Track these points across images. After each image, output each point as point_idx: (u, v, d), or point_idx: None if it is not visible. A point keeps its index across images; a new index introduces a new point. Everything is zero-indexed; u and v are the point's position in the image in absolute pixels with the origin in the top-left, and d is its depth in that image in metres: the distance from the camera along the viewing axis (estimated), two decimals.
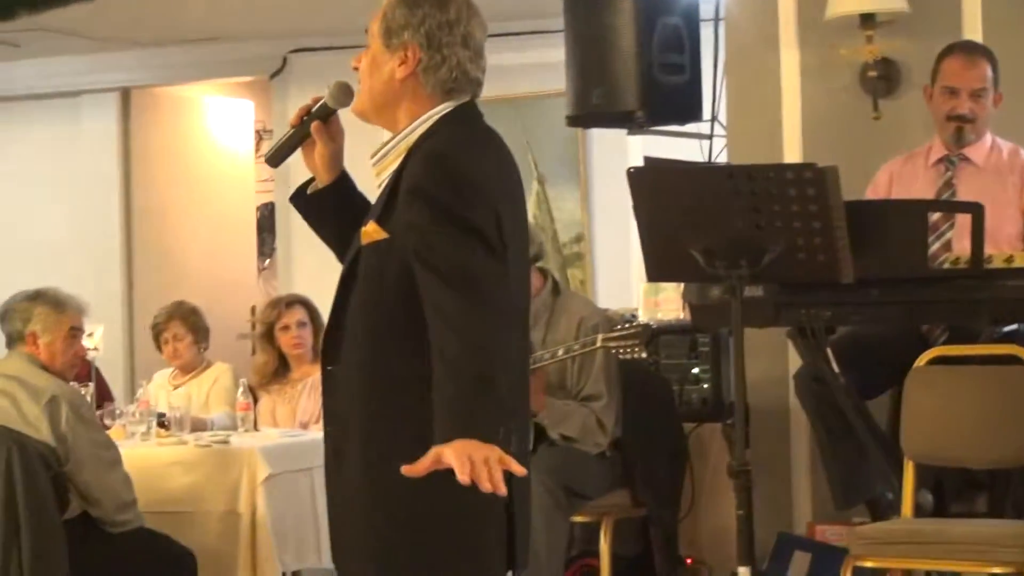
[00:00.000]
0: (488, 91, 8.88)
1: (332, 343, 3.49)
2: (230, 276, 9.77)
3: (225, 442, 6.44)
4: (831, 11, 6.34)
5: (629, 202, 5.30)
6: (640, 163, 5.52)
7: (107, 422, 6.69)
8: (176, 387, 7.26)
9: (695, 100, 6.83)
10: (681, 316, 6.18)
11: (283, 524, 6.10)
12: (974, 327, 5.34)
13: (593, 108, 6.77)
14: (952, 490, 5.49)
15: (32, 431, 5.80)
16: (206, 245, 8.68)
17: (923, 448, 5.21)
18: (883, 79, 6.41)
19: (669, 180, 5.39)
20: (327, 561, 6.99)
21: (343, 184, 3.63)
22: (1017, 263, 5.13)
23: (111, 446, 6.14)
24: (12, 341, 6.18)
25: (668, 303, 6.36)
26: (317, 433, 5.51)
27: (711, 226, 5.04)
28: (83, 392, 6.27)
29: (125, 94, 9.80)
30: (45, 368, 6.01)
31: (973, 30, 6.23)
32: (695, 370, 6.25)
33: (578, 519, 5.82)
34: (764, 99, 6.64)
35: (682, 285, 5.82)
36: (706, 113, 6.92)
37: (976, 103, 5.79)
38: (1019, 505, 5.19)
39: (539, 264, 6.10)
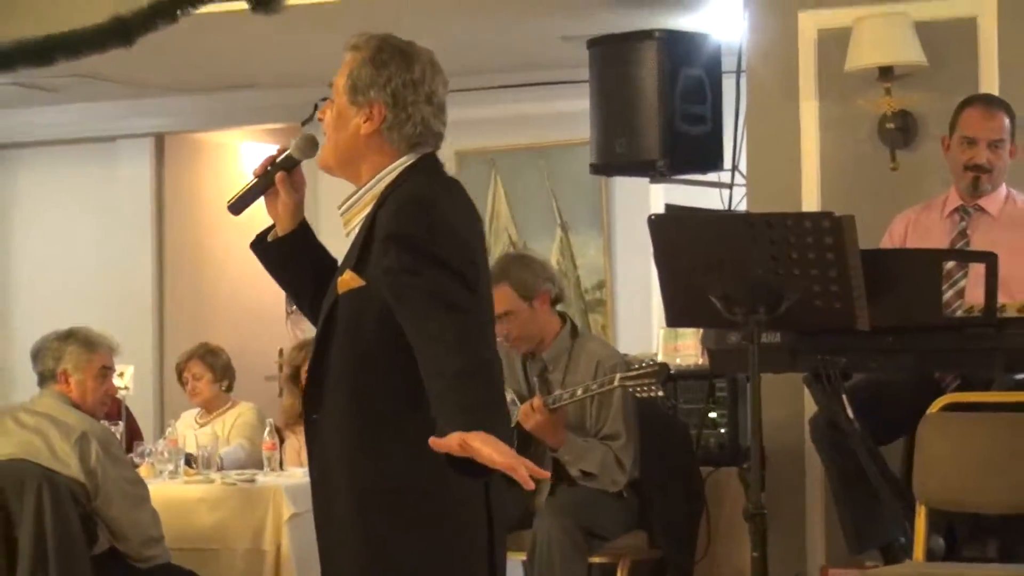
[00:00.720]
0: (514, 139, 9.01)
1: (314, 391, 3.54)
2: (259, 319, 9.79)
3: (251, 481, 6.46)
4: (850, 64, 6.37)
5: (650, 249, 5.30)
6: (661, 211, 5.58)
7: (136, 460, 6.70)
8: (201, 425, 7.29)
9: (716, 150, 6.87)
10: (700, 361, 6.19)
11: (307, 562, 6.04)
12: (987, 375, 5.38)
13: (616, 157, 6.81)
14: (964, 535, 5.50)
15: (62, 467, 5.84)
16: (236, 288, 8.72)
17: (936, 493, 5.23)
18: (901, 131, 6.44)
19: (689, 228, 5.42)
20: None
21: (303, 232, 3.70)
22: None
23: (140, 483, 6.18)
24: (44, 379, 6.22)
25: (687, 348, 6.38)
26: None
27: (730, 273, 5.07)
28: (113, 430, 6.31)
29: (159, 139, 9.82)
30: (76, 406, 6.05)
31: (990, 84, 6.25)
32: (712, 414, 6.26)
33: (595, 560, 5.81)
34: (784, 149, 6.65)
35: (701, 331, 5.85)
36: (727, 163, 6.94)
37: (993, 153, 5.82)
38: (1011, 553, 5.21)
39: (558, 307, 6.16)
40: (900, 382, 5.61)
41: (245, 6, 6.40)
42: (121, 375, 6.45)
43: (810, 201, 6.51)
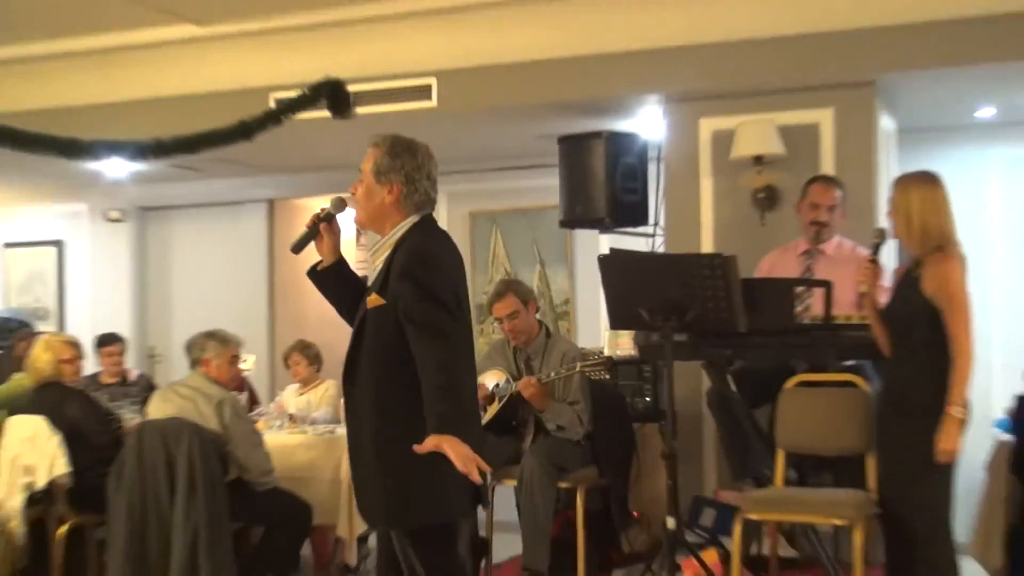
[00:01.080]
0: (508, 204, 8.98)
1: (351, 371, 3.70)
2: (338, 325, 9.84)
3: (332, 432, 6.58)
4: (734, 154, 6.40)
5: (599, 277, 5.33)
6: (607, 252, 5.60)
7: (255, 418, 6.78)
8: (299, 395, 7.29)
9: (644, 212, 6.87)
10: (632, 353, 6.21)
11: None
12: (824, 362, 5.40)
13: (577, 216, 6.83)
14: (809, 469, 5.52)
15: (206, 423, 5.89)
16: (321, 305, 8.79)
17: (790, 441, 5.24)
18: (767, 199, 6.45)
19: (625, 263, 5.46)
20: None
21: (341, 264, 3.84)
22: (853, 320, 5.19)
23: (257, 434, 6.26)
24: (193, 364, 6.28)
25: (624, 344, 6.42)
26: None
27: (653, 294, 5.09)
28: (240, 398, 6.32)
29: (271, 204, 9.74)
30: (215, 382, 6.11)
31: (828, 167, 6.27)
32: (641, 388, 6.26)
33: (562, 486, 5.77)
34: (689, 211, 6.66)
35: (633, 332, 5.87)
36: (651, 220, 6.94)
37: (830, 214, 5.85)
38: (853, 481, 5.21)
39: (537, 316, 6.20)
40: (766, 367, 5.61)
41: (328, 114, 6.43)
42: (245, 361, 6.49)
43: (707, 246, 6.53)
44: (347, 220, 3.93)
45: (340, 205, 3.77)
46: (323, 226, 3.75)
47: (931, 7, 5.89)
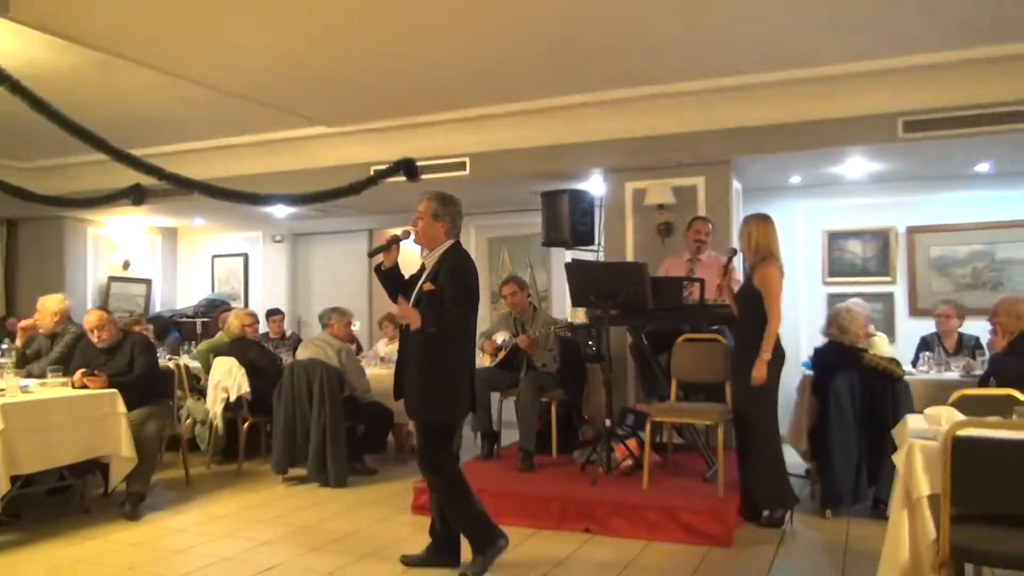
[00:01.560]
0: (511, 233, 8.79)
1: (405, 329, 3.78)
2: None
3: None
4: (646, 201, 6.37)
5: (564, 275, 5.32)
6: (570, 261, 5.57)
7: (360, 359, 6.69)
8: (387, 346, 7.17)
9: (592, 236, 6.79)
10: (586, 320, 6.14)
11: None
12: (700, 327, 5.37)
13: (552, 239, 6.78)
14: (691, 391, 5.43)
15: (332, 362, 5.87)
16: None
17: (680, 374, 5.18)
18: (665, 230, 6.37)
19: (581, 267, 5.43)
20: None
21: (397, 267, 3.90)
22: (717, 302, 5.17)
23: (362, 369, 6.21)
24: (323, 326, 6.29)
25: (580, 315, 6.33)
26: None
27: (597, 285, 5.09)
28: (351, 347, 6.28)
29: (370, 232, 9.54)
30: (337, 337, 6.09)
31: (702, 212, 6.21)
32: (590, 342, 6.21)
33: (543, 400, 5.73)
34: (619, 236, 6.56)
35: (586, 308, 5.82)
36: (596, 241, 6.85)
37: (706, 237, 5.82)
38: (717, 398, 5.15)
39: (529, 298, 6.18)
40: (666, 329, 5.57)
41: (404, 179, 6.42)
42: (355, 325, 6.47)
43: (629, 257, 6.44)
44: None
45: (406, 234, 3.89)
46: (394, 245, 3.86)
47: (761, 116, 5.91)
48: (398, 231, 3.91)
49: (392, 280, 3.90)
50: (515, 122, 6.61)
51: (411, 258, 3.94)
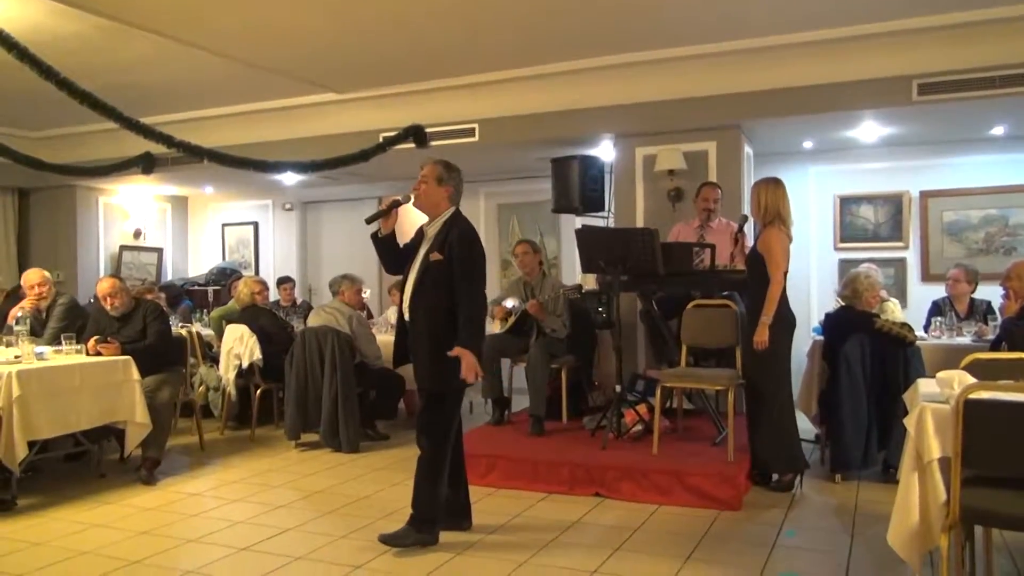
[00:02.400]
0: (522, 199, 8.78)
1: (414, 296, 3.67)
2: None
3: None
4: (657, 168, 6.32)
5: (575, 241, 5.29)
6: (580, 227, 5.54)
7: (372, 324, 6.68)
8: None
9: (602, 203, 6.76)
10: (596, 286, 6.12)
11: None
12: (710, 293, 5.36)
13: (561, 205, 6.73)
14: (701, 357, 5.47)
15: (342, 328, 5.90)
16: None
17: (688, 339, 5.20)
18: (676, 196, 6.35)
19: (592, 233, 5.36)
20: None
21: (393, 235, 3.80)
22: (728, 268, 5.15)
23: (372, 335, 6.21)
24: (334, 294, 6.29)
25: (591, 281, 6.30)
26: None
27: (607, 251, 5.06)
28: (363, 314, 6.28)
29: (379, 199, 9.42)
30: (347, 304, 6.10)
31: (713, 177, 6.16)
32: (600, 308, 6.20)
33: (553, 366, 5.74)
34: (629, 202, 6.53)
35: (596, 275, 5.79)
36: (606, 208, 6.81)
37: (715, 204, 5.79)
38: (728, 363, 5.17)
39: (541, 264, 6.16)
40: (676, 295, 5.57)
41: (413, 146, 6.38)
42: (365, 292, 6.46)
43: (639, 223, 6.40)
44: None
45: (407, 198, 3.79)
46: (393, 210, 3.77)
47: (772, 80, 5.83)
48: (399, 196, 3.82)
49: (388, 247, 3.81)
50: (525, 87, 6.54)
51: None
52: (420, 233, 3.78)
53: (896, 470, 3.17)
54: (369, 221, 3.85)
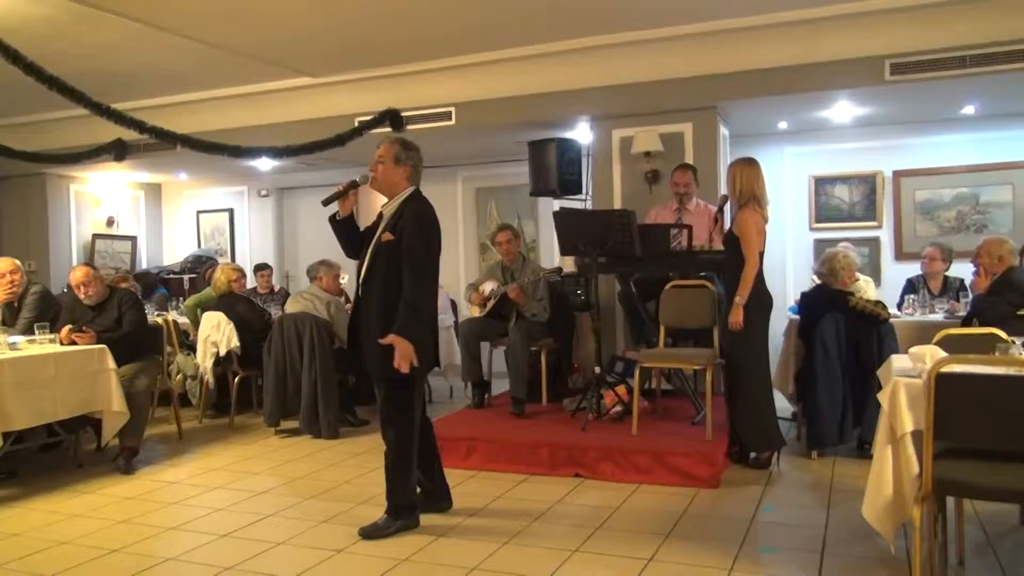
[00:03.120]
0: (499, 183, 8.75)
1: (367, 280, 3.58)
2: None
3: None
4: (634, 149, 6.32)
5: (552, 224, 5.29)
6: (558, 210, 5.54)
7: (349, 311, 6.66)
8: None
9: (579, 185, 6.76)
10: (574, 269, 6.11)
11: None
12: (688, 273, 5.37)
13: (539, 189, 6.74)
14: (679, 337, 5.49)
15: (320, 315, 5.87)
16: None
17: (668, 320, 5.23)
18: (652, 177, 6.37)
19: (569, 215, 5.40)
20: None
21: (352, 217, 3.72)
22: (705, 249, 5.19)
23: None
24: (311, 280, 6.24)
25: (569, 264, 6.29)
26: None
27: (585, 233, 5.08)
28: (341, 300, 6.23)
29: (354, 183, 9.44)
30: (325, 291, 6.06)
31: (689, 159, 6.18)
32: (579, 290, 6.24)
33: (533, 349, 5.76)
34: (606, 185, 6.54)
35: (575, 257, 5.79)
36: (584, 190, 6.82)
37: (687, 188, 5.79)
38: (705, 343, 5.20)
39: (520, 251, 6.17)
40: (654, 276, 5.58)
41: (389, 130, 6.34)
42: (343, 278, 6.43)
43: (617, 205, 6.40)
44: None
45: (364, 179, 3.67)
46: (352, 192, 3.70)
47: (748, 61, 5.85)
48: (356, 177, 3.69)
49: (346, 230, 3.70)
50: (501, 70, 6.52)
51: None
52: (380, 215, 3.69)
53: (870, 446, 3.22)
54: (326, 203, 3.71)
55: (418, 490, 3.82)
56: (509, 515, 3.94)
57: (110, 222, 9.44)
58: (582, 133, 6.90)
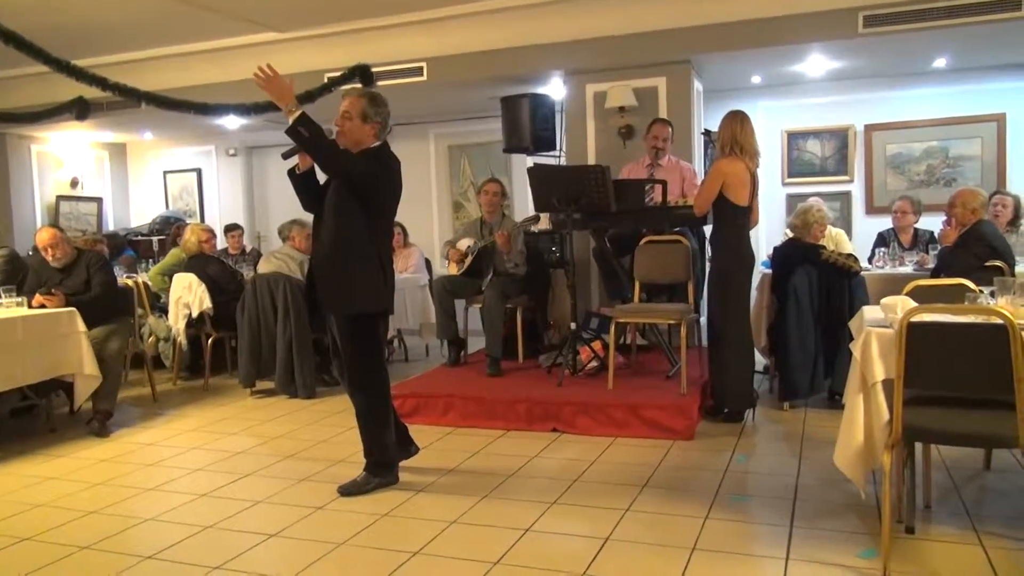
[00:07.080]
0: (473, 140, 8.70)
1: (323, 225, 3.55)
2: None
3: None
4: (607, 104, 6.31)
5: (527, 180, 5.28)
6: (532, 166, 5.52)
7: None
8: None
9: (553, 142, 6.72)
10: (549, 226, 6.12)
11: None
12: (661, 229, 5.40)
13: (513, 145, 6.70)
14: (653, 293, 5.55)
15: (293, 274, 5.82)
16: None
17: (642, 276, 5.27)
18: (627, 133, 6.37)
19: (544, 172, 5.35)
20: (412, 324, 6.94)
21: (312, 171, 3.60)
22: (679, 204, 5.21)
23: None
24: (283, 240, 6.16)
25: (544, 222, 6.25)
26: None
27: (560, 189, 5.07)
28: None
29: None
30: (298, 250, 6.00)
31: (663, 113, 6.20)
32: (554, 248, 6.25)
33: (508, 306, 5.76)
34: (580, 140, 6.55)
35: (549, 213, 5.77)
36: (558, 147, 6.79)
37: (664, 143, 5.79)
38: (680, 298, 5.25)
39: (502, 207, 6.13)
40: (628, 232, 5.60)
41: (359, 86, 6.24)
42: None
43: (591, 161, 6.39)
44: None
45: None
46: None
47: (722, 13, 5.84)
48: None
49: (305, 184, 3.62)
50: (473, 24, 6.44)
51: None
52: None
53: (841, 396, 3.29)
54: (286, 156, 3.59)
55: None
56: (488, 470, 3.99)
57: (74, 183, 9.26)
58: (555, 88, 6.85)
